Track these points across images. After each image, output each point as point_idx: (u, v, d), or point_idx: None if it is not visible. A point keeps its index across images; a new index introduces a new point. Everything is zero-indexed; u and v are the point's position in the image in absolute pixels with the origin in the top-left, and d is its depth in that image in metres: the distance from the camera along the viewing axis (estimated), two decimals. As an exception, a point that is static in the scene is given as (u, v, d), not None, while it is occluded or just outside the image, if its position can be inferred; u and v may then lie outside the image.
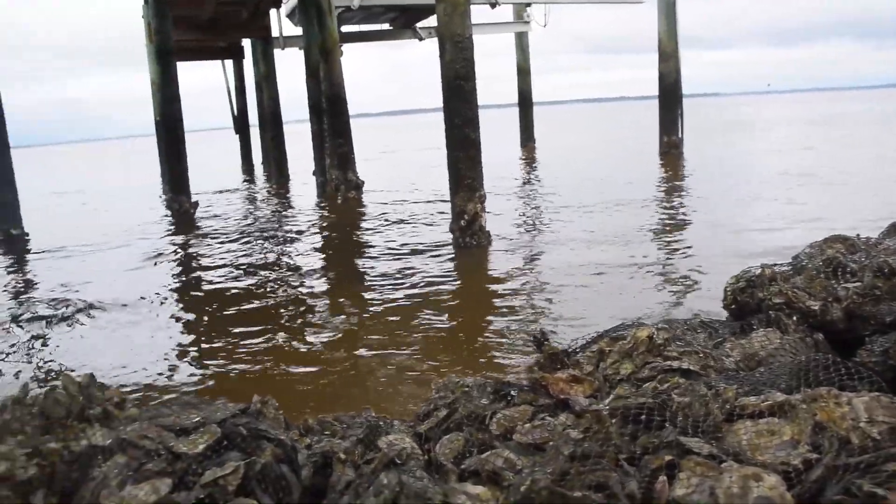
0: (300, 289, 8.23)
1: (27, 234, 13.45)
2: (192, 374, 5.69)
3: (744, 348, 3.43)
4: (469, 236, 8.98)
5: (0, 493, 2.56)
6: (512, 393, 3.10)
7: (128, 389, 5.20)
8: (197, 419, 2.85)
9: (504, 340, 5.73)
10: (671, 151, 20.42)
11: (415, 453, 2.75)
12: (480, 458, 2.59)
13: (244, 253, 10.89)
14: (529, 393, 3.08)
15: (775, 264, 4.05)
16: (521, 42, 28.21)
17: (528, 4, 25.21)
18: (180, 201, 14.30)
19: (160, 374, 5.68)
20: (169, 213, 15.29)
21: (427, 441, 2.94)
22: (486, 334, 5.96)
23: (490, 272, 8.22)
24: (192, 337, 6.78)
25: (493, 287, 7.53)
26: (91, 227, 15.25)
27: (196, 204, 14.58)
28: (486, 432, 2.84)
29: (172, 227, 14.00)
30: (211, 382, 5.41)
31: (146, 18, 21.83)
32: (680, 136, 20.63)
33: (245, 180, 25.28)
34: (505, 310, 6.64)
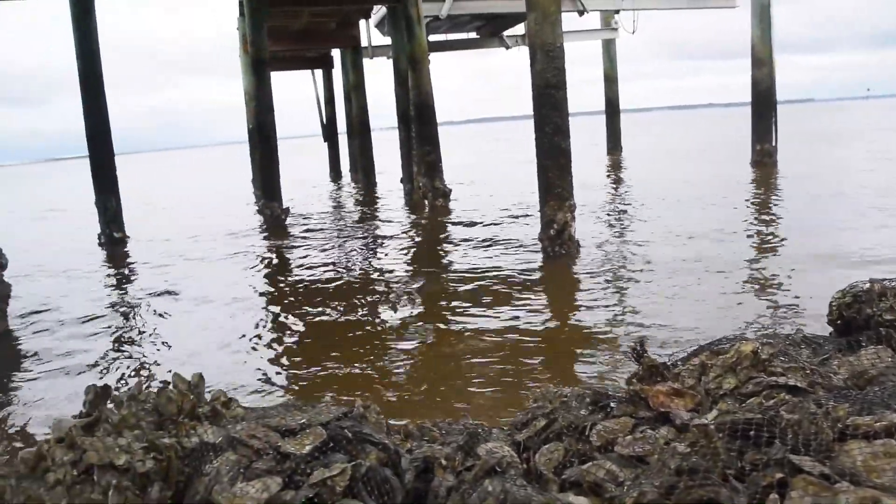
0: (386, 296, 8.35)
1: (128, 237, 14.12)
2: (283, 377, 5.86)
3: (852, 366, 3.32)
4: (558, 245, 8.94)
5: (121, 484, 2.69)
6: (611, 404, 3.08)
7: (224, 388, 5.39)
8: (302, 420, 2.94)
9: (595, 351, 5.69)
10: (764, 160, 19.79)
11: (514, 462, 2.77)
12: (582, 468, 2.58)
13: (332, 259, 11.12)
14: (629, 405, 3.06)
15: (885, 279, 3.89)
16: (609, 49, 27.94)
17: (617, 11, 24.94)
18: (272, 207, 14.69)
19: (253, 375, 5.86)
20: (261, 218, 15.73)
21: (525, 450, 2.95)
22: (577, 344, 5.93)
23: (580, 282, 8.16)
24: (283, 340, 6.97)
25: (583, 297, 7.48)
26: (186, 230, 15.85)
27: (287, 210, 14.96)
28: (585, 443, 2.83)
29: (264, 233, 14.41)
30: (301, 386, 5.53)
31: (241, 30, 22.59)
32: (774, 144, 19.98)
33: (333, 187, 25.80)
34: (595, 320, 6.58)
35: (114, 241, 13.92)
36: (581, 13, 22.02)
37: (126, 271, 11.55)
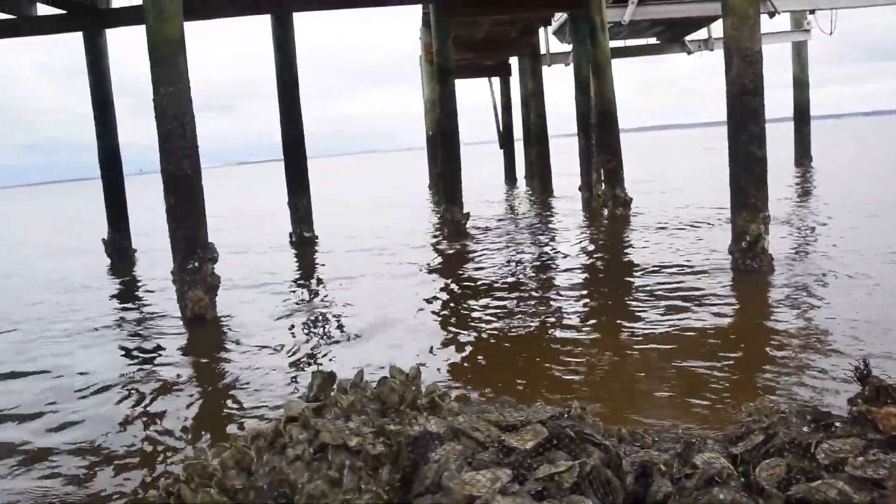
0: (564, 306, 8.35)
1: (317, 237, 15.00)
2: (465, 378, 6.04)
3: None
4: (750, 259, 8.57)
5: (355, 464, 2.91)
6: (835, 424, 2.99)
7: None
8: (520, 418, 3.05)
9: (797, 369, 5.45)
10: (980, 171, 18.05)
11: (732, 474, 2.75)
12: (811, 486, 2.53)
13: (512, 264, 11.29)
14: (855, 426, 2.95)
15: None
16: (800, 52, 26.41)
17: (812, 11, 23.52)
18: (453, 212, 15.06)
19: (434, 374, 6.05)
20: (441, 222, 16.17)
21: (741, 463, 2.92)
22: (778, 360, 5.71)
23: (774, 297, 7.80)
24: (462, 344, 7.10)
25: (780, 312, 7.15)
26: (369, 232, 16.59)
27: (468, 215, 15.28)
28: (811, 461, 2.77)
29: (446, 237, 14.80)
30: (481, 389, 5.59)
31: (423, 40, 23.36)
32: None
33: (510, 194, 26.08)
34: (793, 336, 6.28)
35: (304, 240, 14.86)
36: (772, 15, 20.94)
37: (315, 270, 12.28)
